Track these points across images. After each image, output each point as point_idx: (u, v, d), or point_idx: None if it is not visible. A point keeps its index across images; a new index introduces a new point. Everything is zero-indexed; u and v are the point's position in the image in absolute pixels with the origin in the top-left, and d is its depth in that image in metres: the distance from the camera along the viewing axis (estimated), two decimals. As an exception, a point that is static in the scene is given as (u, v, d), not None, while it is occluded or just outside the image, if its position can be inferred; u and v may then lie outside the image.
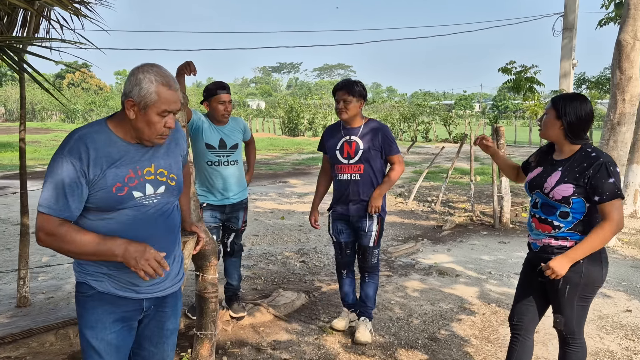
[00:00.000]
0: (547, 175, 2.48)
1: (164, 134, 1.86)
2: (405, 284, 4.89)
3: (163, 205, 1.94)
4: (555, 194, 2.40)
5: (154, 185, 1.90)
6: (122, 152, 1.84)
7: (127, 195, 1.82)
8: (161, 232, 1.94)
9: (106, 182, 1.78)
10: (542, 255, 2.48)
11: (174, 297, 2.10)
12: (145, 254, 1.77)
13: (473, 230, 7.30)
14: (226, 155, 3.71)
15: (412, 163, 17.14)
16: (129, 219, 1.84)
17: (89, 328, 1.89)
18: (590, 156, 2.38)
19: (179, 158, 2.06)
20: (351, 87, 3.42)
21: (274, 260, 5.73)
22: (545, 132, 2.52)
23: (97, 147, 1.79)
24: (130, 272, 1.85)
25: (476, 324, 3.96)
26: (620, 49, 5.87)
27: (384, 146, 3.47)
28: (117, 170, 1.81)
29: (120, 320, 1.93)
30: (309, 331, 3.78)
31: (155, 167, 1.92)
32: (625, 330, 3.83)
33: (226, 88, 3.69)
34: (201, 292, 3.18)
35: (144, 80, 1.78)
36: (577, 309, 2.47)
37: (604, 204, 2.31)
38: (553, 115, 2.45)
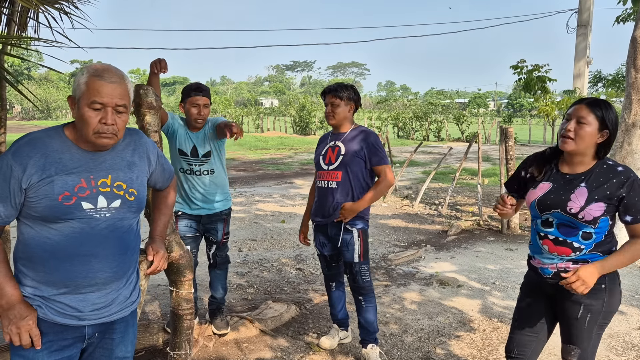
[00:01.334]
0: (566, 192, 2.13)
1: (101, 131, 1.67)
2: (403, 295, 4.64)
3: (117, 221, 1.77)
4: (585, 214, 2.07)
5: (108, 198, 1.74)
6: (76, 159, 1.71)
7: (74, 206, 1.67)
8: (110, 251, 1.77)
9: (53, 190, 1.65)
10: (558, 282, 2.15)
11: (123, 323, 1.91)
12: (21, 322, 1.66)
13: (479, 236, 7.01)
14: (199, 164, 3.46)
15: (422, 163, 16.81)
16: (74, 231, 1.69)
17: (19, 354, 1.72)
18: (617, 170, 2.08)
19: (144, 172, 1.88)
20: (339, 91, 3.18)
21: (270, 267, 5.52)
22: (579, 145, 2.09)
23: (48, 152, 1.67)
24: (75, 294, 1.71)
25: (475, 341, 3.70)
26: (635, 47, 5.53)
27: (369, 154, 3.16)
28: (67, 178, 1.67)
29: (58, 351, 1.74)
30: (295, 348, 3.55)
31: (112, 178, 1.76)
32: (638, 351, 3.54)
33: (203, 90, 3.41)
34: (175, 308, 2.98)
35: (79, 74, 1.70)
36: (594, 338, 2.20)
37: (637, 225, 2.05)
38: (596, 126, 2.07)
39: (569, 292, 2.14)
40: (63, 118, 51.42)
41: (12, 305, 1.66)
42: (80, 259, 1.70)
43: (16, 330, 1.66)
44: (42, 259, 1.69)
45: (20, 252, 1.73)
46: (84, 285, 1.73)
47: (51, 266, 1.69)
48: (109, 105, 1.66)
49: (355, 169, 3.16)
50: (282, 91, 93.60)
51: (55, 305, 1.71)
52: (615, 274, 2.16)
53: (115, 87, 1.67)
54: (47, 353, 1.72)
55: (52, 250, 1.68)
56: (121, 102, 1.69)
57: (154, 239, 2.10)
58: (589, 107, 2.09)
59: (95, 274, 1.73)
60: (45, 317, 1.71)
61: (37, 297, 1.71)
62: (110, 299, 1.80)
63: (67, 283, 1.71)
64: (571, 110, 2.14)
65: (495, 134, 18.72)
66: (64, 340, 1.75)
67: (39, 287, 1.71)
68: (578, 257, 2.13)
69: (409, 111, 35.37)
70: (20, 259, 1.73)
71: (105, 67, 1.70)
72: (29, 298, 1.71)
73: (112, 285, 1.79)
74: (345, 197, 3.18)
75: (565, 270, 2.15)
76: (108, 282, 1.78)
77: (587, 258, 2.13)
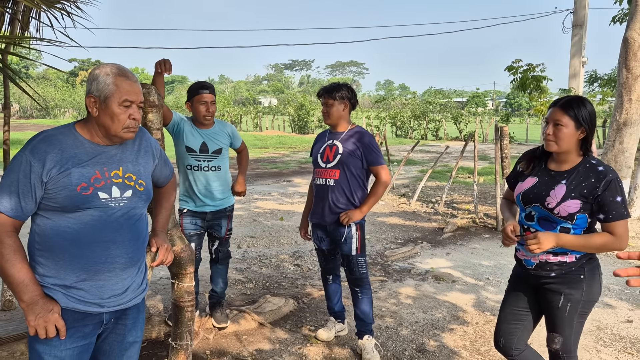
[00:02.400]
0: (547, 188, 2.25)
1: (130, 126, 1.84)
2: (399, 290, 4.75)
3: (130, 209, 1.90)
4: (561, 210, 2.19)
5: (120, 189, 1.87)
6: (90, 153, 1.84)
7: (91, 195, 1.80)
8: (126, 238, 1.89)
9: (71, 181, 1.77)
10: (540, 273, 2.30)
11: (135, 309, 2.03)
12: (47, 315, 1.75)
13: (475, 233, 7.12)
14: (207, 160, 3.57)
15: (420, 162, 16.92)
16: (93, 219, 1.81)
17: (42, 342, 1.81)
18: (597, 170, 2.17)
19: (149, 166, 2.02)
20: (333, 91, 3.28)
21: (268, 263, 5.62)
22: (562, 146, 2.20)
23: (63, 148, 1.79)
24: (95, 281, 1.83)
25: (468, 334, 3.81)
26: (627, 47, 5.64)
27: (366, 155, 3.27)
28: (82, 170, 1.80)
29: (78, 337, 1.85)
30: (293, 340, 3.66)
31: (123, 170, 1.90)
32: (625, 343, 3.65)
33: (209, 88, 3.53)
34: (177, 300, 3.08)
35: (100, 74, 1.82)
36: (576, 326, 2.31)
37: (609, 223, 2.15)
38: (572, 126, 2.18)
39: (551, 283, 2.26)
40: (61, 117, 51.42)
41: (35, 300, 1.75)
42: (101, 244, 1.81)
43: (43, 324, 1.74)
44: (63, 247, 1.78)
45: (37, 244, 1.82)
46: (103, 270, 1.83)
47: (72, 253, 1.79)
48: (135, 102, 1.83)
49: (352, 168, 3.26)
50: (281, 90, 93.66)
51: (75, 294, 1.81)
52: (595, 266, 2.27)
53: (137, 85, 1.86)
54: (70, 341, 1.82)
55: (73, 238, 1.78)
56: (142, 99, 1.86)
57: (156, 232, 2.21)
58: (562, 109, 2.19)
59: (114, 259, 1.85)
60: (68, 306, 1.80)
61: (58, 286, 1.80)
62: (126, 285, 1.91)
63: (87, 269, 1.80)
64: (548, 113, 2.26)
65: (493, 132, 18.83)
66: (85, 327, 1.85)
67: (59, 275, 1.80)
68: (557, 250, 2.23)
69: (407, 110, 35.48)
70: (38, 250, 1.82)
71: (124, 67, 1.85)
72: (49, 289, 1.80)
73: (128, 271, 1.90)
74: (343, 195, 3.28)
75: (547, 261, 2.26)
76: (125, 267, 1.89)
77: (566, 251, 2.24)
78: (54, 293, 1.80)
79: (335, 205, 3.29)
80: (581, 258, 2.25)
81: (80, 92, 54.82)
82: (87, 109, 1.84)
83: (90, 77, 1.84)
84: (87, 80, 1.86)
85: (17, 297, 1.76)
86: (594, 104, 12.23)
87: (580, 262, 2.25)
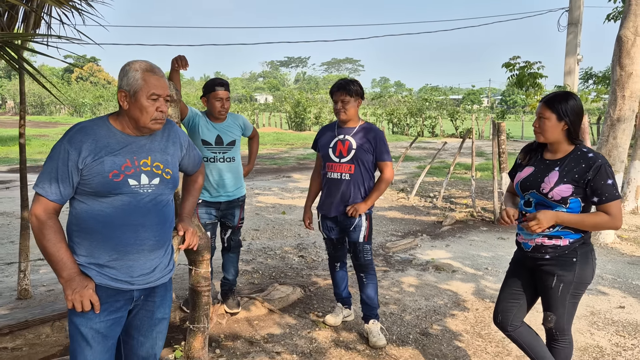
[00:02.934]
0: (542, 175, 2.45)
1: (157, 118, 1.99)
2: (401, 280, 4.93)
3: (157, 195, 2.05)
4: (554, 194, 2.38)
5: (149, 176, 2.02)
6: (121, 143, 1.99)
7: (122, 182, 1.95)
8: (154, 221, 2.04)
9: (104, 169, 1.92)
10: (536, 255, 2.49)
11: (163, 288, 2.18)
12: (83, 290, 1.91)
13: (473, 226, 7.31)
14: (222, 152, 3.73)
15: (417, 158, 17.11)
16: (123, 204, 1.96)
17: (79, 315, 1.96)
18: (587, 156, 2.37)
19: (177, 156, 2.18)
20: (348, 87, 3.42)
21: (273, 254, 5.78)
22: (548, 137, 2.44)
23: (97, 138, 1.95)
24: (125, 261, 1.98)
25: (469, 319, 3.99)
26: (620, 45, 5.83)
27: (377, 150, 3.45)
28: (114, 158, 1.95)
29: (111, 311, 2.00)
30: (302, 325, 3.83)
31: (151, 159, 2.04)
32: (617, 327, 3.84)
33: (224, 85, 3.69)
34: (194, 285, 3.24)
35: (130, 70, 1.97)
36: (569, 306, 2.49)
37: (603, 205, 2.33)
38: (554, 119, 2.40)
39: (545, 265, 2.46)
40: (57, 113, 51.26)
41: (72, 277, 1.91)
42: (131, 227, 1.97)
43: (79, 298, 1.90)
44: (97, 229, 1.95)
45: (74, 226, 1.98)
46: (133, 251, 1.99)
47: (105, 235, 1.95)
48: (162, 96, 1.98)
49: (365, 162, 3.44)
50: (277, 87, 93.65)
51: (108, 272, 1.97)
52: (588, 251, 2.45)
53: (164, 80, 2.00)
54: (104, 314, 1.98)
55: (106, 220, 1.94)
56: (168, 92, 2.01)
57: (182, 217, 2.37)
58: (546, 104, 2.43)
59: (142, 241, 2.00)
60: (101, 282, 1.96)
61: (92, 264, 1.96)
62: (154, 265, 2.06)
63: (118, 249, 1.96)
64: (536, 109, 2.49)
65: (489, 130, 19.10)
66: (117, 302, 2.01)
67: (93, 254, 1.96)
68: (552, 233, 2.43)
69: (404, 107, 35.68)
70: (75, 231, 1.98)
71: (151, 63, 2.01)
72: (84, 267, 1.96)
73: (155, 252, 2.06)
74: (359, 188, 3.45)
75: (542, 244, 2.46)
76: (153, 249, 2.04)
77: (560, 234, 2.43)
78: (89, 271, 1.96)
79: (351, 198, 3.45)
80: (574, 242, 2.43)
81: (76, 88, 54.62)
82: (119, 102, 2.00)
83: (121, 73, 1.99)
84: (119, 76, 2.01)
85: (57, 274, 1.93)
86: (589, 101, 12.44)
87: (573, 246, 2.43)
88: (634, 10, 5.80)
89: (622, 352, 3.44)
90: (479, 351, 3.44)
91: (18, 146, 4.82)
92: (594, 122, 23.76)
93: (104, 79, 65.21)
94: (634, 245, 6.32)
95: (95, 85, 59.65)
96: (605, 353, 3.43)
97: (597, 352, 3.44)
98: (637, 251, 6.04)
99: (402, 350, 3.44)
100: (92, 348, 1.95)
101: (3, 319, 3.23)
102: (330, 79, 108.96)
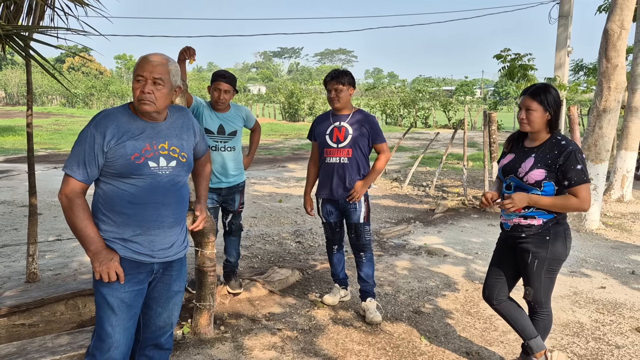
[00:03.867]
0: (520, 161, 2.69)
1: (141, 99, 2.12)
2: (395, 263, 5.14)
3: (174, 177, 2.24)
4: (529, 178, 2.62)
5: (166, 159, 2.20)
6: (141, 128, 2.17)
7: (143, 164, 2.13)
8: (172, 200, 2.24)
9: (126, 152, 2.10)
10: (514, 234, 2.74)
11: (179, 262, 2.38)
12: (109, 263, 2.10)
13: (464, 214, 7.54)
14: (224, 141, 3.91)
15: (410, 149, 17.33)
16: (145, 184, 2.15)
17: (105, 286, 2.15)
18: (560, 144, 2.59)
19: (191, 141, 2.36)
20: (341, 77, 3.63)
21: (271, 240, 5.98)
22: (534, 127, 2.63)
23: (119, 124, 2.13)
24: (147, 236, 2.17)
25: (459, 299, 4.21)
26: (607, 38, 6.04)
27: (372, 134, 3.67)
28: (135, 142, 2.13)
29: (134, 282, 2.19)
30: (301, 305, 4.03)
31: (169, 144, 2.23)
32: (597, 305, 4.08)
33: (226, 77, 3.83)
34: (200, 266, 3.44)
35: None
36: (545, 281, 2.72)
37: (572, 188, 2.55)
38: (541, 110, 2.59)
39: (522, 243, 2.71)
40: (49, 104, 50.94)
41: (99, 250, 2.10)
42: (152, 205, 2.16)
43: (106, 270, 2.09)
44: (122, 206, 2.13)
45: (100, 205, 2.17)
46: (154, 227, 2.18)
47: (129, 212, 2.13)
48: (148, 78, 2.11)
49: (362, 146, 3.67)
50: (270, 78, 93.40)
51: (131, 246, 2.16)
52: (561, 230, 2.68)
53: (155, 64, 2.13)
54: (128, 285, 2.17)
55: (130, 199, 2.13)
56: (158, 76, 2.13)
57: (200, 200, 2.59)
58: (531, 96, 2.62)
59: (163, 218, 2.19)
60: (125, 255, 2.15)
61: (117, 239, 2.15)
62: (172, 241, 2.25)
63: (141, 225, 2.15)
64: (520, 101, 2.69)
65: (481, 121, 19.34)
66: (140, 274, 2.19)
67: (118, 230, 2.14)
68: (527, 213, 2.68)
69: (397, 98, 35.86)
70: (101, 210, 2.16)
71: (153, 52, 2.20)
72: (110, 241, 2.14)
73: (174, 229, 2.25)
74: (357, 171, 3.66)
75: (519, 224, 2.70)
76: (172, 226, 2.23)
77: (534, 215, 2.66)
78: (114, 245, 2.15)
79: (349, 180, 3.66)
80: (547, 222, 2.66)
81: (68, 78, 54.20)
82: None
83: None
84: None
85: (85, 248, 2.12)
86: (579, 92, 12.67)
87: (547, 226, 2.66)
88: (620, 5, 6.00)
89: (601, 327, 3.68)
90: (468, 327, 3.66)
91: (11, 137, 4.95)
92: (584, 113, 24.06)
93: (96, 69, 64.75)
94: (618, 231, 6.58)
95: (87, 76, 59.23)
96: (585, 328, 3.66)
97: (578, 328, 3.67)
98: (620, 237, 6.30)
99: (396, 327, 3.66)
100: (117, 315, 2.14)
101: (20, 297, 3.41)
102: (324, 69, 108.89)
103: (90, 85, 51.62)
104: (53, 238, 5.90)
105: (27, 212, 4.58)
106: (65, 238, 5.73)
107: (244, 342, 3.38)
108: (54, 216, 6.96)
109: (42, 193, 7.84)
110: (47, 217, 6.85)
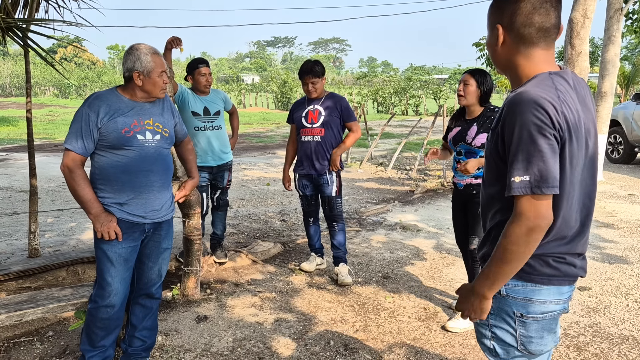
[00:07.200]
0: (465, 130, 3.23)
1: (164, 88, 2.59)
2: (371, 237, 5.56)
3: (159, 148, 2.62)
4: (476, 142, 3.16)
5: (152, 133, 2.59)
6: (129, 106, 2.55)
7: (132, 137, 2.51)
8: (159, 168, 2.62)
9: (117, 126, 2.47)
10: (466, 192, 3.27)
11: (167, 223, 2.77)
12: (108, 223, 2.47)
13: (442, 195, 7.95)
14: (210, 122, 4.30)
15: (399, 135, 17.70)
16: (135, 154, 2.52)
17: (105, 243, 2.53)
18: (494, 110, 3.17)
19: (171, 121, 2.74)
20: (315, 70, 4.04)
21: (257, 219, 6.38)
22: (470, 99, 3.21)
23: (110, 103, 2.50)
24: (139, 200, 2.55)
25: (425, 266, 4.63)
26: (571, 27, 6.41)
27: (343, 114, 4.10)
28: (125, 119, 2.50)
29: (130, 240, 2.58)
30: (281, 272, 4.44)
31: (153, 120, 2.61)
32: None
33: (205, 62, 4.30)
34: (187, 235, 3.83)
35: (141, 54, 2.52)
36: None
37: None
38: (475, 86, 3.18)
39: (474, 199, 3.20)
40: (42, 95, 50.86)
41: (99, 213, 2.48)
42: (143, 173, 2.54)
43: (106, 229, 2.47)
44: (116, 175, 2.51)
45: (97, 175, 2.54)
46: (145, 191, 2.56)
47: (123, 179, 2.51)
48: (165, 71, 2.55)
49: (333, 126, 4.10)
50: (264, 67, 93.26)
51: (126, 209, 2.54)
52: None
53: (163, 58, 2.57)
54: (125, 242, 2.55)
55: (123, 168, 2.51)
56: (166, 67, 2.58)
57: (192, 177, 2.98)
58: (470, 74, 3.19)
59: (152, 183, 2.58)
60: (122, 217, 2.53)
61: (114, 204, 2.52)
62: (161, 203, 2.64)
63: (134, 190, 2.53)
64: (462, 77, 3.22)
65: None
66: (134, 233, 2.58)
67: (115, 196, 2.52)
68: (477, 174, 3.18)
69: (389, 87, 36.17)
70: (98, 179, 2.54)
71: (153, 47, 2.58)
72: (108, 206, 2.52)
73: (162, 193, 2.64)
74: (329, 148, 4.10)
75: (471, 184, 3.24)
76: (160, 190, 2.62)
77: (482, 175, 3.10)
78: (112, 209, 2.53)
79: (322, 156, 4.08)
80: None
81: (60, 70, 54.11)
82: (130, 79, 2.53)
83: (131, 56, 2.51)
84: (127, 59, 2.53)
85: (86, 211, 2.49)
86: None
87: None
88: (584, -5, 6.35)
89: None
90: (429, 288, 4.09)
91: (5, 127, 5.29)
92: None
93: (89, 59, 64.58)
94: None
95: (79, 67, 59.09)
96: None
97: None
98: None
99: (364, 289, 4.08)
100: (115, 267, 2.54)
101: (26, 263, 3.79)
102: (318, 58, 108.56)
103: (83, 76, 51.52)
104: (51, 220, 6.27)
105: (25, 197, 4.95)
106: (66, 209, 6.09)
107: (227, 302, 3.79)
108: (51, 200, 7.32)
109: (40, 179, 8.17)
110: (45, 201, 7.21)
